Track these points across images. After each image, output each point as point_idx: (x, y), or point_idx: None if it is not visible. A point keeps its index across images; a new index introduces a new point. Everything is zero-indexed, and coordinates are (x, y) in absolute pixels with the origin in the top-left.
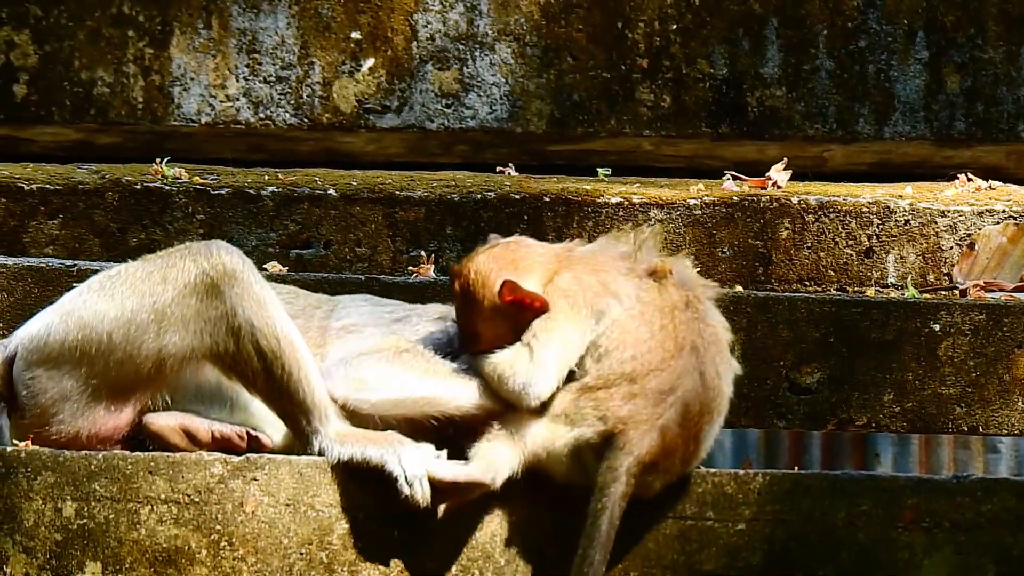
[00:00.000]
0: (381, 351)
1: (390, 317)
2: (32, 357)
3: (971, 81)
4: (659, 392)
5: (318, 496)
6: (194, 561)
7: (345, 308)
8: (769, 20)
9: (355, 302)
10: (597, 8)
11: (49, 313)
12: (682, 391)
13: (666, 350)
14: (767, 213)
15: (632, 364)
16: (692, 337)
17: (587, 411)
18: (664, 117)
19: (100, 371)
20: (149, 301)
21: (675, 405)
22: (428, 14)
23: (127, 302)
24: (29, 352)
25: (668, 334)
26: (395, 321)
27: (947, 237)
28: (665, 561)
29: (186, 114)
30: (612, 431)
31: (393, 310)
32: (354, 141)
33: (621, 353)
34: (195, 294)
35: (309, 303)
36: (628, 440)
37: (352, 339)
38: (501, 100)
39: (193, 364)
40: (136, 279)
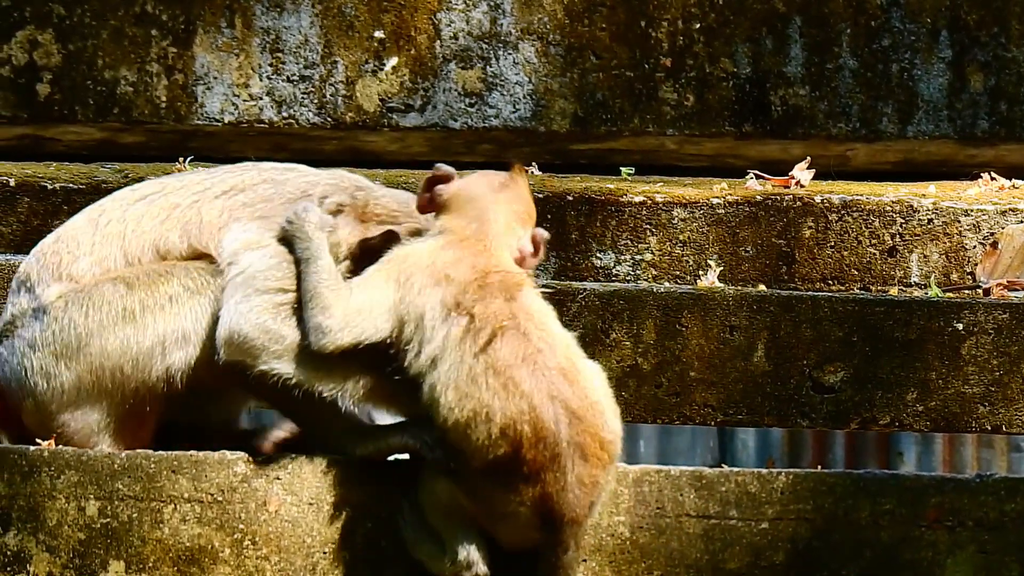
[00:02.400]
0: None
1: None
2: (53, 407)
3: (995, 80)
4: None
5: (341, 495)
6: (217, 560)
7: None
8: (792, 19)
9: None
10: (621, 7)
11: (41, 354)
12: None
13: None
14: (790, 212)
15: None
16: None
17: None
18: (687, 116)
19: (119, 400)
20: (150, 325)
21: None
22: (451, 13)
23: (127, 331)
24: (48, 403)
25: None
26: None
27: (970, 236)
28: (688, 560)
29: (209, 113)
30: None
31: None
32: (377, 140)
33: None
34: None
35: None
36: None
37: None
38: (524, 99)
39: (202, 370)
40: (129, 304)
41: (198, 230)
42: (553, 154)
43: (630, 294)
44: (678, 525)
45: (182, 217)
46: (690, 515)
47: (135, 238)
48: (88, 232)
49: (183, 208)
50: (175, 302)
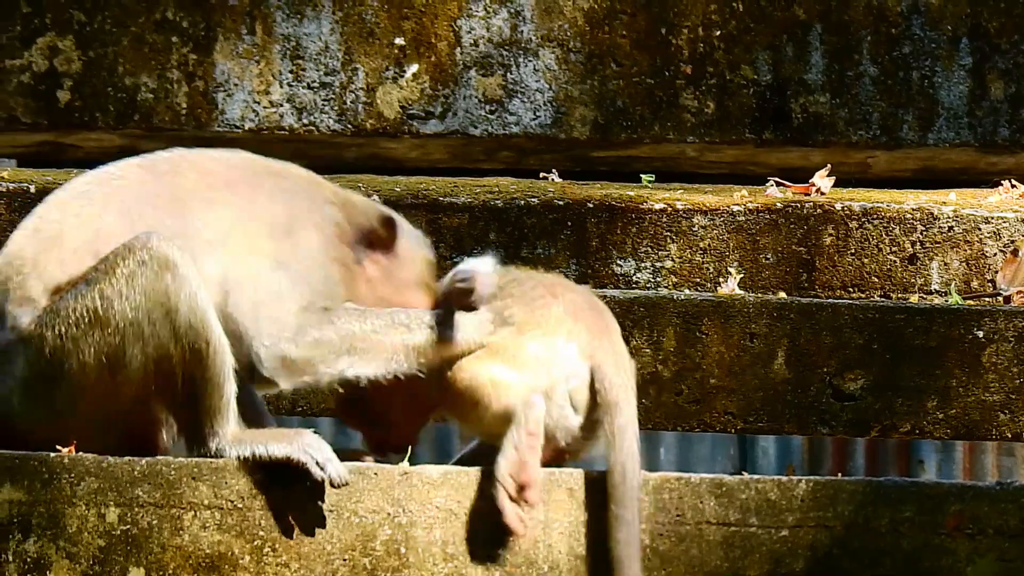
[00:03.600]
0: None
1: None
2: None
3: (1015, 88)
4: None
5: (361, 502)
6: (237, 567)
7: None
8: (813, 26)
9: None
10: (641, 14)
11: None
12: None
13: None
14: (811, 219)
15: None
16: None
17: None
18: (708, 123)
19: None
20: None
21: None
22: (472, 20)
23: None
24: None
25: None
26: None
27: (991, 244)
28: (708, 567)
29: (230, 120)
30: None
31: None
32: (398, 147)
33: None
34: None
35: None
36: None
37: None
38: (545, 106)
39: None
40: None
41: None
42: (574, 161)
43: (650, 301)
44: (698, 532)
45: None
46: (710, 522)
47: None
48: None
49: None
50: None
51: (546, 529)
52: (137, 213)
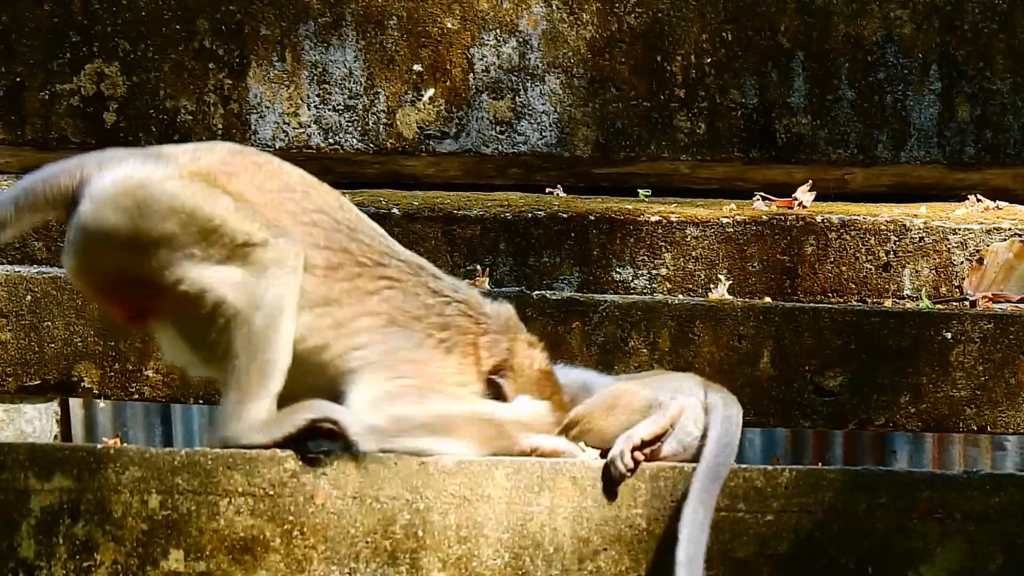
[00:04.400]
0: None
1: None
2: None
3: (980, 110)
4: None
5: (382, 489)
6: (269, 549)
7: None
8: (796, 54)
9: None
10: (639, 43)
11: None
12: None
13: None
14: (794, 231)
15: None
16: None
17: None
18: (699, 143)
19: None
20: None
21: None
22: (484, 48)
23: None
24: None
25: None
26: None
27: (958, 253)
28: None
29: (262, 140)
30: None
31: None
32: (416, 164)
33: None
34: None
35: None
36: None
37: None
38: (550, 127)
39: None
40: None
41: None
42: (577, 177)
43: (647, 306)
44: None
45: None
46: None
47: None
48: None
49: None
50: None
51: (552, 514)
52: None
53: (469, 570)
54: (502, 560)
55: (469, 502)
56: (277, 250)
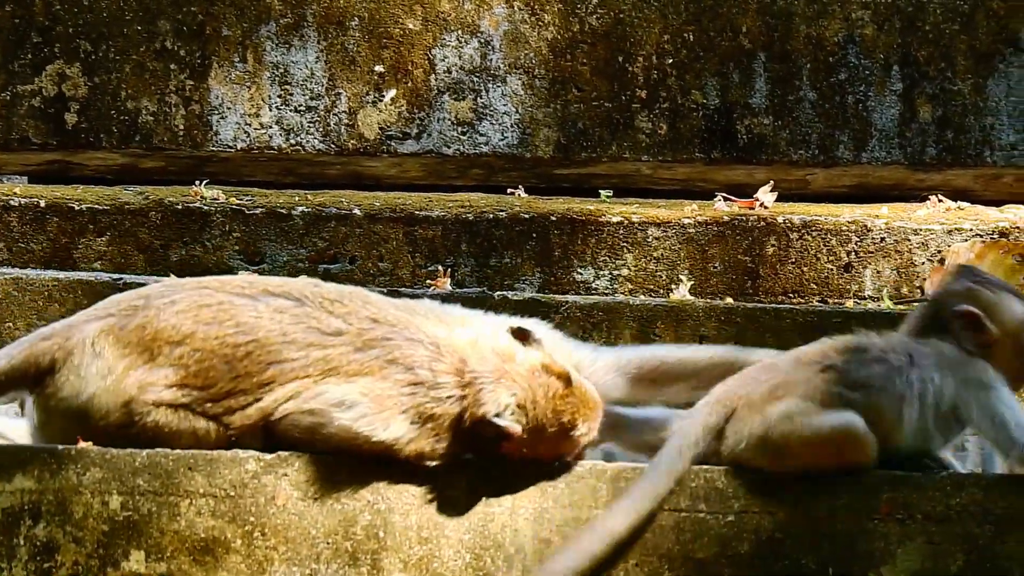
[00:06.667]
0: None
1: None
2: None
3: (942, 111)
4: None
5: (343, 490)
6: (229, 550)
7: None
8: (757, 55)
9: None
10: (600, 44)
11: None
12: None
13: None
14: (755, 231)
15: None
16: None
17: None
18: (661, 143)
19: None
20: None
21: None
22: (445, 49)
23: None
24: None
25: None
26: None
27: (919, 253)
28: (661, 550)
29: (223, 140)
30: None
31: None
32: (377, 165)
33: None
34: None
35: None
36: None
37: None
38: (512, 128)
39: None
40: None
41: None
42: (538, 178)
43: (608, 306)
44: (652, 518)
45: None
46: (663, 509)
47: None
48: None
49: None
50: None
51: (513, 515)
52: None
53: (430, 571)
54: (463, 561)
55: (431, 503)
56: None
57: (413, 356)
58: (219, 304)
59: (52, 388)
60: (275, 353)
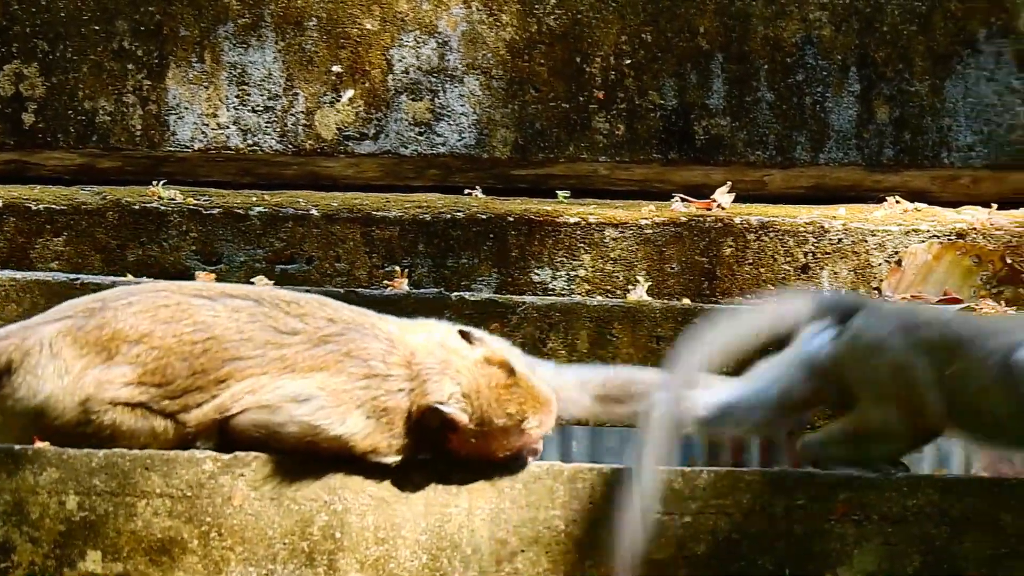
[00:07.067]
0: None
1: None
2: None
3: (899, 112)
4: None
5: (300, 490)
6: (186, 550)
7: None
8: (715, 55)
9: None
10: (558, 44)
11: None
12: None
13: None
14: (712, 232)
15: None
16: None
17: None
18: (618, 144)
19: None
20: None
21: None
22: (403, 49)
23: None
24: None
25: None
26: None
27: (877, 255)
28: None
29: (181, 140)
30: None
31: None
32: (334, 166)
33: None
34: None
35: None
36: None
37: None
38: (469, 128)
39: None
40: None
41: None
42: (495, 178)
43: (566, 307)
44: (609, 519)
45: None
46: (620, 509)
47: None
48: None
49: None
50: None
51: (470, 515)
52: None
53: (387, 571)
54: (420, 561)
55: (387, 504)
56: None
57: (368, 349)
58: (177, 304)
59: (9, 389)
60: (232, 351)
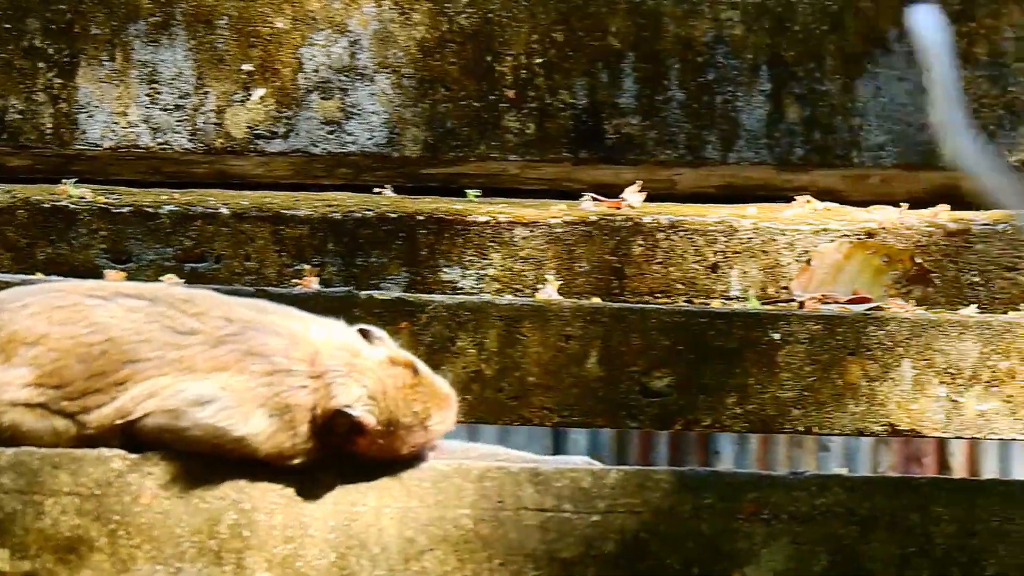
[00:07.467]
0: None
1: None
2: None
3: (810, 111)
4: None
5: (209, 489)
6: (94, 549)
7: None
8: (626, 54)
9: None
10: (469, 43)
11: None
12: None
13: None
14: (622, 231)
15: None
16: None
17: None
18: (529, 143)
19: None
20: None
21: None
22: (314, 48)
23: None
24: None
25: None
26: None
27: (787, 254)
28: (526, 550)
29: (91, 139)
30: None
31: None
32: (245, 164)
33: None
34: None
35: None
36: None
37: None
38: (380, 127)
39: None
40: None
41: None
42: (406, 177)
43: (475, 306)
44: (517, 518)
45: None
46: (528, 508)
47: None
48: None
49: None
50: None
51: (378, 514)
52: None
53: (294, 570)
54: (328, 560)
55: (296, 502)
56: None
57: (269, 344)
58: (73, 305)
59: None
60: (130, 352)
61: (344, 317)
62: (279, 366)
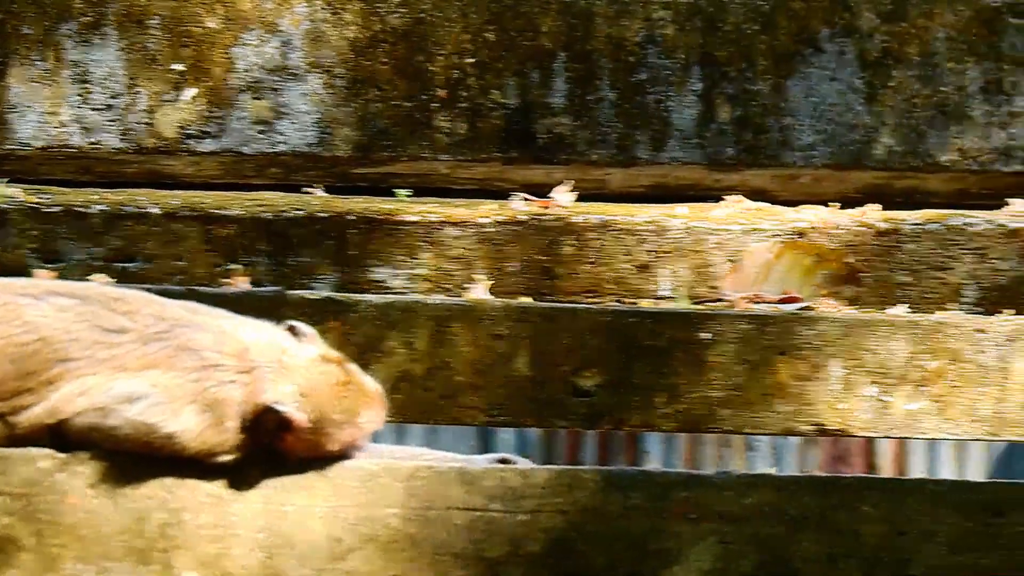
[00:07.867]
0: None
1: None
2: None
3: (741, 111)
4: None
5: (137, 488)
6: (21, 548)
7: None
8: (558, 54)
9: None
10: (401, 43)
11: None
12: None
13: None
14: (552, 231)
15: None
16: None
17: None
18: (460, 143)
19: None
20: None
21: None
22: (246, 48)
23: None
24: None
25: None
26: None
27: (717, 253)
28: (455, 549)
29: (22, 139)
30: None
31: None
32: (176, 164)
33: None
34: None
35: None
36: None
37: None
38: (311, 127)
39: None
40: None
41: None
42: (337, 177)
43: (405, 305)
44: (446, 517)
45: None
46: (456, 508)
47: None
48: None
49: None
50: None
51: (306, 513)
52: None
53: (222, 569)
54: (256, 559)
55: (224, 501)
56: None
57: (199, 340)
58: (4, 304)
59: None
60: (61, 351)
61: (274, 317)
62: (208, 361)
